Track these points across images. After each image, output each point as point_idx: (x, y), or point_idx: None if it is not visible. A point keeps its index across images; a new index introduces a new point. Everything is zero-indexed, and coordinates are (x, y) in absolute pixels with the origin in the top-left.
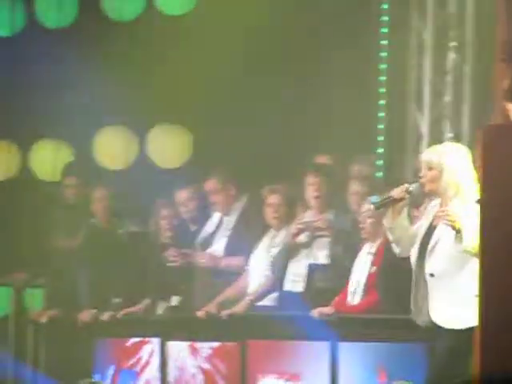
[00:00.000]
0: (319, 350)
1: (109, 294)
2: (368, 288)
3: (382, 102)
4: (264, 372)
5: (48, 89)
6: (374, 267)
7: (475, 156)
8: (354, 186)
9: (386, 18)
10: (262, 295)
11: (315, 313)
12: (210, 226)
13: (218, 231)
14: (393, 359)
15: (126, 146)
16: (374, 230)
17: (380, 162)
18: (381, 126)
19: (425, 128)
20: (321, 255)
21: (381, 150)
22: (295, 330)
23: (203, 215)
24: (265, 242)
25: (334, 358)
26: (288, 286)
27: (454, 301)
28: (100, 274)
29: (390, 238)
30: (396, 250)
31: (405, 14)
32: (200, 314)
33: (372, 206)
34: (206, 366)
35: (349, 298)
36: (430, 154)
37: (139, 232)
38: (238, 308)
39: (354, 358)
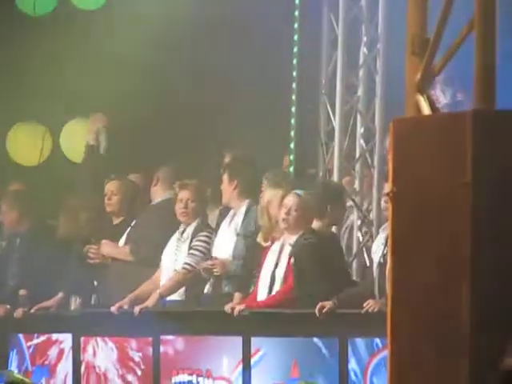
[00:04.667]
0: (232, 345)
1: (19, 287)
2: (286, 279)
3: (293, 96)
4: (177, 368)
5: None
6: (292, 258)
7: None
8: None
9: (296, 13)
10: (171, 289)
11: (227, 308)
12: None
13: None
14: (306, 355)
15: (40, 142)
16: (297, 222)
17: (291, 157)
18: (292, 121)
19: (336, 122)
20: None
21: (292, 145)
22: (208, 325)
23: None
24: (174, 236)
25: (247, 353)
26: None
27: None
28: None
29: None
30: None
31: (316, 9)
32: (113, 309)
33: None
34: (120, 362)
35: (260, 293)
36: None
37: (54, 225)
38: (149, 302)
39: (267, 353)
